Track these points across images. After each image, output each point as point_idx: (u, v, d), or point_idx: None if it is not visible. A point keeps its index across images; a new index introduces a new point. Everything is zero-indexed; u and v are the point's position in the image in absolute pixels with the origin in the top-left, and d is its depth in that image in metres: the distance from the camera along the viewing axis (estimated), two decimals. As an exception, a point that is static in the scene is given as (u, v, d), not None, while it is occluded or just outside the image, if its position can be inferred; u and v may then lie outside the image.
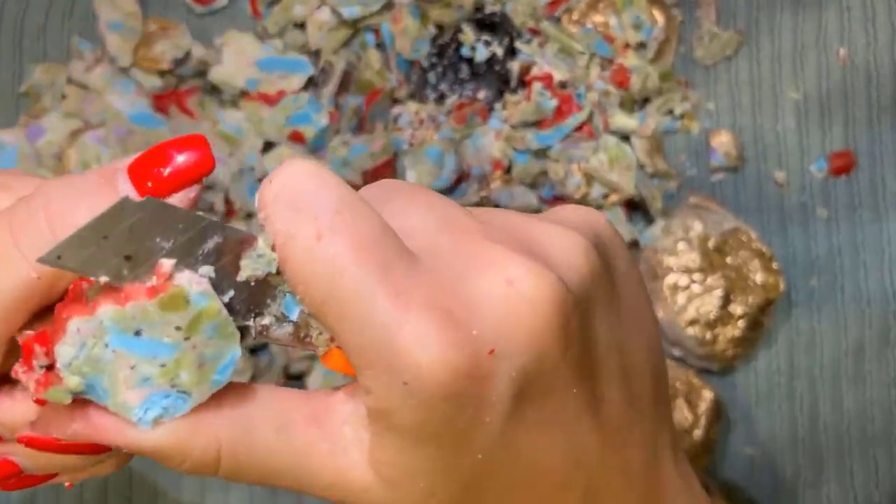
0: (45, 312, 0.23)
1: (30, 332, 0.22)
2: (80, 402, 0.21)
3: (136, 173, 0.22)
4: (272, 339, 0.24)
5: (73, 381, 0.21)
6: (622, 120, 0.54)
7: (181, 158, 0.22)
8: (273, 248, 0.22)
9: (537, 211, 0.54)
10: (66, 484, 0.27)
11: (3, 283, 0.22)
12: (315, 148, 0.53)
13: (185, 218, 0.21)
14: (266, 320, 0.23)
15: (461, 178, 0.54)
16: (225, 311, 0.22)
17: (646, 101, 0.56)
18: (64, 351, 0.21)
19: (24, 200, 0.22)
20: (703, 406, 0.53)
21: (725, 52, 0.56)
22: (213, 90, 0.55)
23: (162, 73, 0.54)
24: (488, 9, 0.56)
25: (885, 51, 0.56)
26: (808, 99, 0.56)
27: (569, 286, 0.22)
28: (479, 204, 0.54)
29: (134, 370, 0.21)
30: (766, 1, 0.57)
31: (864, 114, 0.56)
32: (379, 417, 0.22)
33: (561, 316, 0.21)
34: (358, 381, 0.22)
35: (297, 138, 0.53)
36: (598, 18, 0.55)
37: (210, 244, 0.21)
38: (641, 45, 0.55)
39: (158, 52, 0.54)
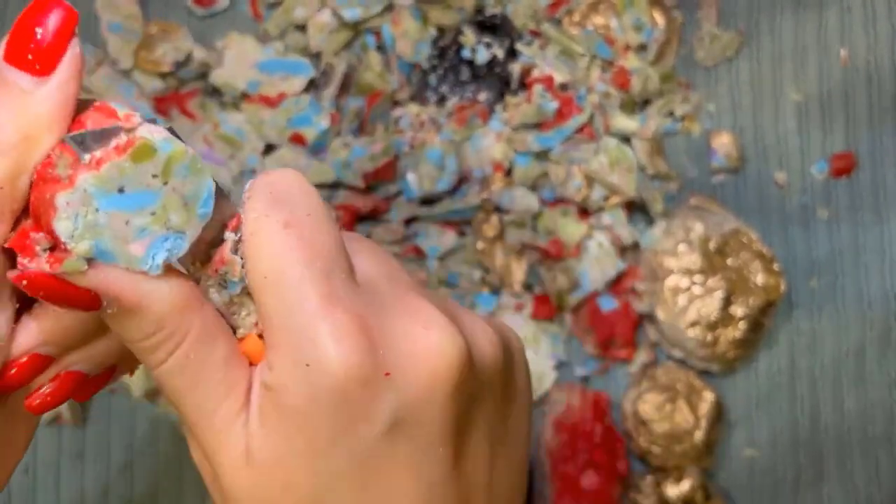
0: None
1: (11, 234, 0.23)
2: (92, 269, 0.23)
3: (14, 56, 0.22)
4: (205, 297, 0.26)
5: (83, 247, 0.22)
6: (623, 122, 0.54)
7: (50, 22, 0.22)
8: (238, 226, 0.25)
9: (538, 213, 0.54)
10: (129, 374, 0.29)
11: None
12: (316, 150, 0.54)
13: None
14: (209, 281, 0.26)
15: (462, 180, 0.54)
16: (191, 150, 0.24)
17: (646, 102, 0.56)
18: (62, 225, 0.22)
19: None
20: (704, 407, 0.53)
21: (726, 53, 0.56)
22: (214, 92, 0.55)
23: (163, 76, 0.54)
24: (489, 11, 0.56)
25: (885, 52, 0.56)
26: (809, 100, 0.56)
27: (472, 360, 0.25)
28: (481, 206, 0.54)
29: (129, 225, 0.23)
30: (767, 2, 0.57)
31: (865, 115, 0.56)
32: (271, 394, 0.24)
33: (457, 377, 0.24)
34: (264, 360, 0.24)
35: (298, 140, 0.53)
36: (598, 20, 0.55)
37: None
38: (642, 47, 0.55)
39: (159, 55, 0.54)
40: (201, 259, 0.26)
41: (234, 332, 0.26)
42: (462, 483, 0.26)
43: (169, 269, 0.24)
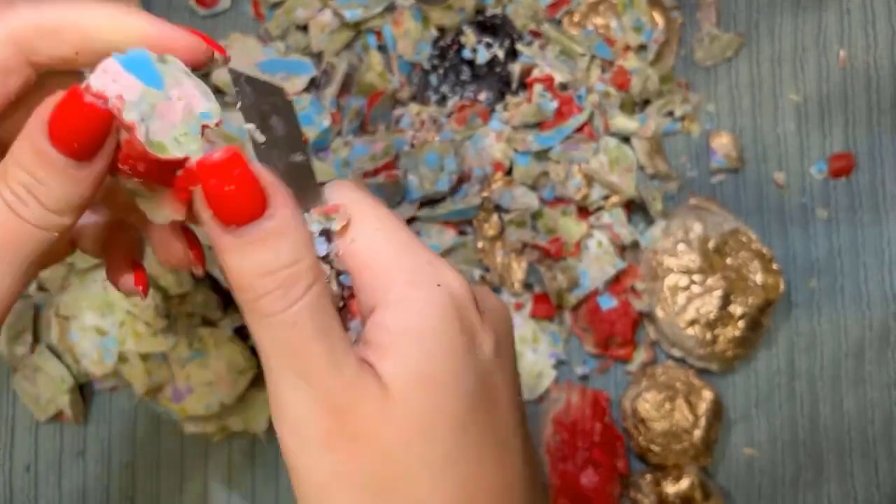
0: None
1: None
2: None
3: (59, 141, 0.24)
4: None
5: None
6: (622, 122, 0.54)
7: (91, 121, 0.24)
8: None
9: (538, 213, 0.54)
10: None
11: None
12: (317, 149, 0.54)
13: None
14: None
15: (462, 179, 0.54)
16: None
17: (646, 102, 0.56)
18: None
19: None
20: (703, 406, 0.53)
21: (725, 53, 0.57)
22: (217, 92, 0.55)
23: (165, 75, 0.55)
24: (489, 11, 0.56)
25: (884, 53, 0.56)
26: (808, 101, 0.57)
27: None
28: (481, 204, 0.54)
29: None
30: (766, 3, 0.57)
31: (863, 116, 0.56)
32: (402, 313, 0.26)
33: (511, 323, 0.30)
34: (382, 295, 0.26)
35: (299, 140, 0.53)
36: (598, 21, 0.56)
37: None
38: (642, 48, 0.56)
39: (162, 55, 0.54)
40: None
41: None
42: (523, 405, 0.31)
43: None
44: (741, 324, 0.53)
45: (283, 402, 0.25)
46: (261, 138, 0.26)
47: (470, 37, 0.55)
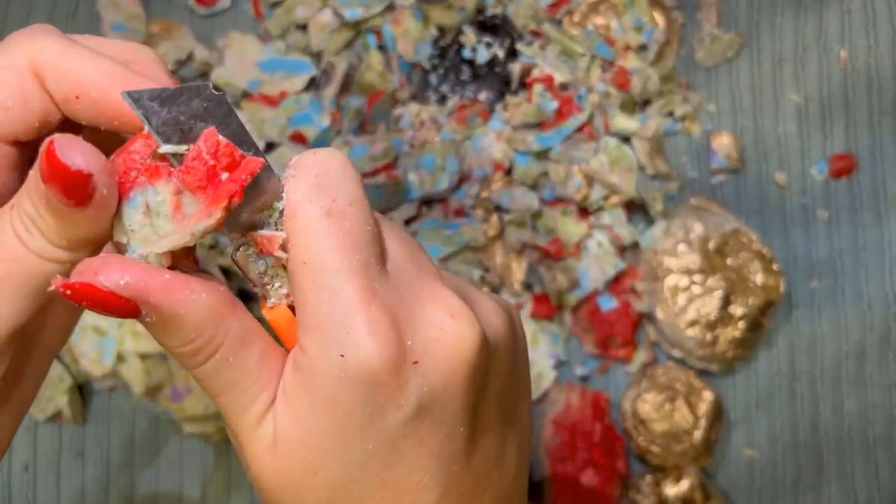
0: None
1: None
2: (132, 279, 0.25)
3: (52, 186, 0.23)
4: (241, 264, 0.27)
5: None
6: (623, 122, 0.54)
7: (78, 162, 0.24)
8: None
9: (538, 213, 0.54)
10: None
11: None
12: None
13: (238, 127, 0.26)
14: (249, 250, 0.27)
15: (462, 179, 0.54)
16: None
17: (646, 102, 0.56)
18: (128, 214, 0.25)
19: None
20: (704, 407, 0.53)
21: (726, 54, 0.57)
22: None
23: (165, 75, 0.55)
24: (490, 11, 0.56)
25: (885, 53, 0.56)
26: (809, 101, 0.56)
27: (489, 344, 0.27)
28: (481, 204, 0.54)
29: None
30: (767, 3, 0.57)
31: (864, 116, 0.56)
32: (302, 378, 0.25)
33: (476, 362, 0.26)
34: (297, 342, 0.25)
35: (298, 139, 0.53)
36: (599, 21, 0.55)
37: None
38: (642, 48, 0.55)
39: (161, 54, 0.54)
40: (243, 229, 0.26)
41: (266, 300, 0.27)
42: (477, 460, 0.28)
43: (204, 277, 0.25)
44: (741, 324, 0.53)
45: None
46: (182, 151, 0.25)
47: (470, 36, 0.55)
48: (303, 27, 0.56)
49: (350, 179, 0.26)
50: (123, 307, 0.24)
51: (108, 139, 0.28)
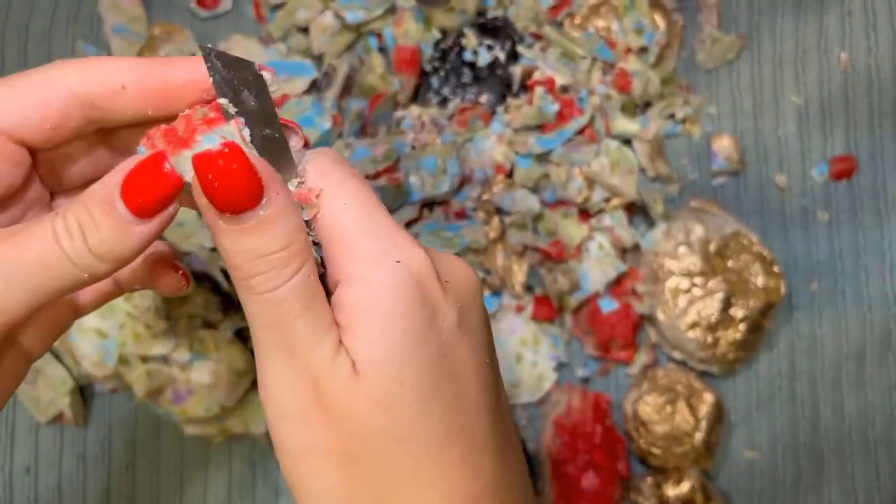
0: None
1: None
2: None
3: (129, 197, 0.26)
4: None
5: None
6: (624, 124, 0.54)
7: (162, 185, 0.26)
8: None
9: (539, 215, 0.54)
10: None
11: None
12: (318, 151, 0.54)
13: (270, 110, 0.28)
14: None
15: (463, 181, 0.54)
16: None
17: (647, 105, 0.56)
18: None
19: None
20: (705, 409, 0.53)
21: (727, 56, 0.57)
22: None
23: (166, 77, 0.55)
24: (491, 13, 0.56)
25: (886, 55, 0.56)
26: (810, 103, 0.57)
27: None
28: (482, 207, 0.54)
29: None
30: (768, 5, 0.57)
31: (865, 118, 0.56)
32: (363, 299, 0.27)
33: (480, 289, 0.30)
34: (342, 279, 0.27)
35: (300, 142, 0.53)
36: (599, 23, 0.55)
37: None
38: (643, 50, 0.55)
39: (162, 56, 0.54)
40: None
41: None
42: (497, 377, 0.31)
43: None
44: (742, 326, 0.53)
45: (268, 374, 0.27)
46: (233, 111, 0.27)
47: (471, 39, 0.55)
48: (304, 30, 0.56)
49: (349, 164, 0.29)
50: (253, 186, 0.25)
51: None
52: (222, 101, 0.27)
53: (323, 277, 0.28)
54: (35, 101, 0.28)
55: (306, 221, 0.28)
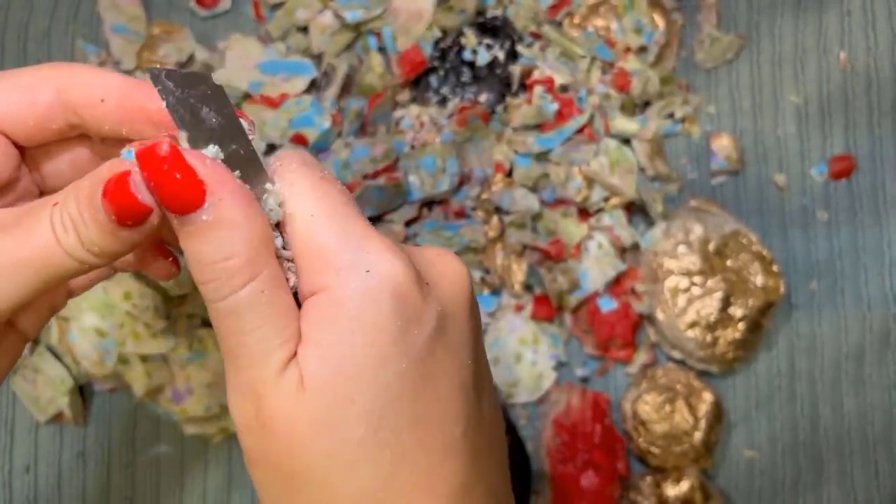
0: None
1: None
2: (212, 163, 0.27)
3: (111, 202, 0.25)
4: None
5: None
6: (623, 123, 0.54)
7: (145, 197, 0.26)
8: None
9: (539, 214, 0.54)
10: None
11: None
12: (317, 150, 0.54)
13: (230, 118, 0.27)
14: None
15: (463, 180, 0.54)
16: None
17: (646, 104, 0.56)
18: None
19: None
20: (704, 408, 0.53)
21: (726, 55, 0.57)
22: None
23: (165, 77, 0.55)
24: (490, 13, 0.56)
25: (885, 55, 0.56)
26: (809, 103, 0.57)
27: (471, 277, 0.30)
28: (481, 206, 0.54)
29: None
30: (767, 5, 0.57)
31: (864, 118, 0.56)
32: (328, 310, 0.26)
33: (471, 291, 0.29)
34: (314, 282, 0.26)
35: (299, 141, 0.53)
36: (599, 22, 0.56)
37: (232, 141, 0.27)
38: (642, 49, 0.56)
39: (162, 56, 0.54)
40: None
41: None
42: (485, 402, 0.30)
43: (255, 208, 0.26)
44: (741, 326, 0.53)
45: (226, 381, 0.27)
46: (184, 137, 0.26)
47: (470, 38, 0.55)
48: (303, 29, 0.56)
49: (317, 163, 0.29)
50: (195, 188, 0.25)
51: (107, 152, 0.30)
52: (185, 146, 0.26)
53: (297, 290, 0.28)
54: (21, 100, 0.28)
55: (280, 233, 0.27)
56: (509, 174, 0.54)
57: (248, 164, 0.27)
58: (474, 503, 0.28)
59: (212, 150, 0.26)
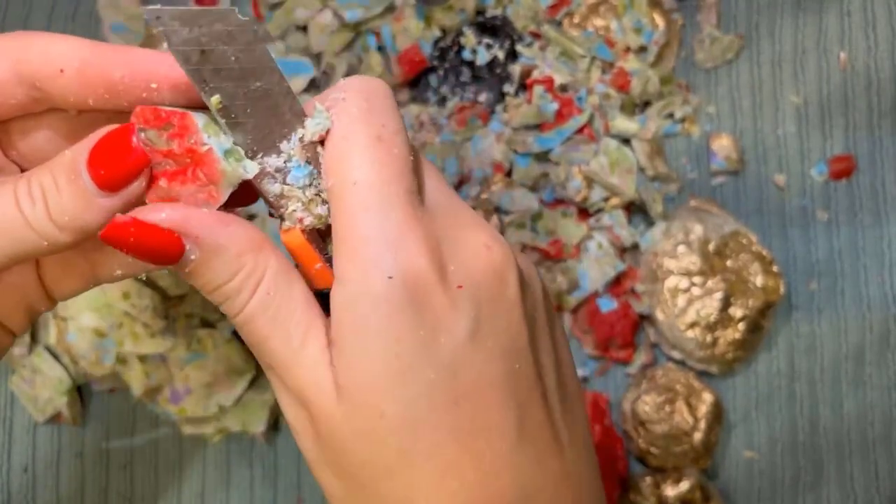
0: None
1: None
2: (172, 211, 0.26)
3: (95, 167, 0.25)
4: (258, 185, 0.27)
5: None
6: (623, 123, 0.54)
7: (129, 159, 0.25)
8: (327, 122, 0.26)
9: (538, 214, 0.54)
10: None
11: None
12: (316, 150, 0.54)
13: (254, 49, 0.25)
14: (267, 167, 0.26)
15: (462, 180, 0.54)
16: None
17: (646, 104, 0.56)
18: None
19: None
20: (703, 409, 0.53)
21: (726, 55, 0.57)
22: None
23: (164, 76, 0.54)
24: (490, 12, 0.56)
25: (885, 55, 0.56)
26: (809, 103, 0.56)
27: (522, 272, 0.27)
28: (481, 205, 0.54)
29: None
30: (767, 4, 0.57)
31: (864, 118, 0.56)
32: (349, 311, 0.25)
33: (517, 282, 0.26)
34: (335, 274, 0.25)
35: (298, 140, 0.53)
36: (599, 22, 0.55)
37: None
38: (642, 49, 0.55)
39: (161, 55, 0.54)
40: (264, 148, 0.26)
41: (282, 222, 0.27)
42: (552, 409, 0.27)
43: (236, 213, 0.26)
44: (741, 326, 0.53)
45: (273, 388, 0.27)
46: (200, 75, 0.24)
47: (470, 38, 0.55)
48: (303, 28, 0.56)
49: (395, 109, 0.26)
50: (169, 242, 0.24)
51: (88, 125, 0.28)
52: (148, 134, 0.25)
53: (327, 232, 0.27)
54: None
55: (310, 183, 0.26)
56: (509, 174, 0.54)
57: (274, 104, 0.25)
58: None
59: (219, 141, 0.26)
